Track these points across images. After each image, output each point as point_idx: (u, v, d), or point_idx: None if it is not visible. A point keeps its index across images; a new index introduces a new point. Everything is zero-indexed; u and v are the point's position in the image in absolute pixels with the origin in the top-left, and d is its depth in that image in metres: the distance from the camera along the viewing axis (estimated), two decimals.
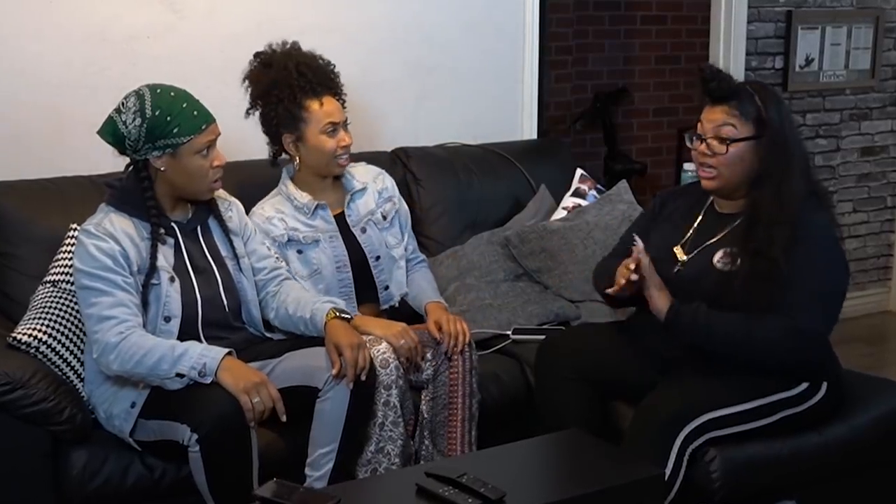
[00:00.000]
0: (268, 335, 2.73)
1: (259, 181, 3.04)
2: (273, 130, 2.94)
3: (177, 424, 2.33)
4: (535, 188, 3.61)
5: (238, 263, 2.67)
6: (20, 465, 2.41)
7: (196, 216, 2.64)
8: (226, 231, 2.67)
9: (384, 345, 2.61)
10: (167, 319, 2.52)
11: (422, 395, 2.75)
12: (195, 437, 2.29)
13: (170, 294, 2.52)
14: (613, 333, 2.76)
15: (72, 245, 2.70)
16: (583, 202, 3.53)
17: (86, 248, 2.45)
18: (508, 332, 3.11)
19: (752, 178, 2.49)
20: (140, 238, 2.51)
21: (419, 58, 3.68)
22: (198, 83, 2.63)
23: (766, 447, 2.49)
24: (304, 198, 2.93)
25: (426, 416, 2.73)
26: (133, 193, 2.53)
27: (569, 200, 3.55)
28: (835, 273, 2.48)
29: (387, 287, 3.01)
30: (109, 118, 2.50)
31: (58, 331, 2.59)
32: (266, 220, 2.89)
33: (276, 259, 2.80)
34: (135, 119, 2.45)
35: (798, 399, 2.49)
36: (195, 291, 2.56)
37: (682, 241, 2.61)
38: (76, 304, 2.57)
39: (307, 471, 2.49)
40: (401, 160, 3.53)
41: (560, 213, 3.51)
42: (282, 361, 2.58)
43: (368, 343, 2.56)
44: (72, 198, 2.91)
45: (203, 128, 2.49)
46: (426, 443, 2.72)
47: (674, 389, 2.47)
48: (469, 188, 3.56)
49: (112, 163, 2.61)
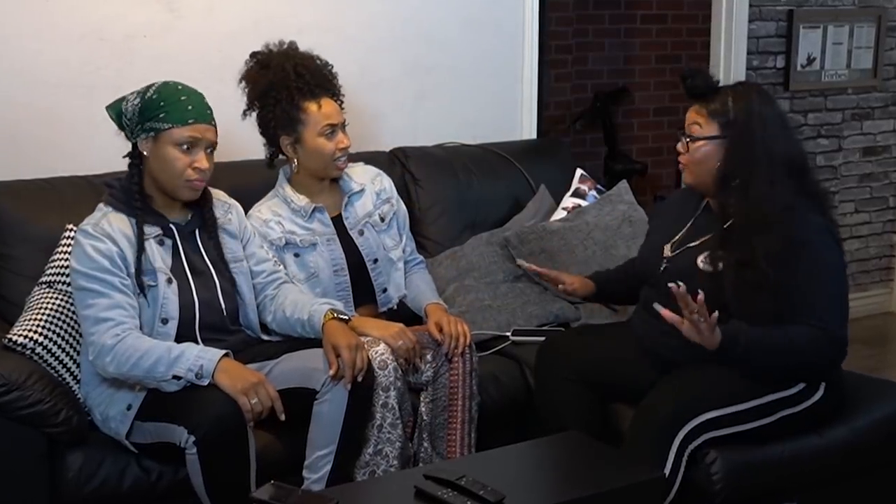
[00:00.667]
0: (265, 338, 2.72)
1: (255, 182, 3.02)
2: (270, 132, 2.92)
3: (174, 426, 2.32)
4: (535, 188, 3.60)
5: (236, 267, 2.66)
6: (16, 468, 2.40)
7: (195, 218, 2.63)
8: (225, 234, 2.66)
9: (382, 346, 2.59)
10: (164, 321, 2.51)
11: (420, 397, 2.73)
12: (192, 440, 2.27)
13: (167, 296, 2.51)
14: (613, 335, 2.76)
15: (68, 246, 2.69)
16: (583, 202, 3.52)
17: (83, 249, 2.45)
18: (508, 334, 3.09)
19: (719, 179, 2.48)
20: (137, 238, 2.50)
21: (418, 57, 3.67)
22: (195, 82, 2.61)
23: (767, 449, 2.48)
24: (302, 201, 2.91)
25: (425, 418, 2.72)
26: (131, 192, 2.52)
27: (569, 201, 3.54)
28: (839, 274, 2.47)
29: (385, 289, 2.99)
30: (120, 98, 2.55)
31: (54, 332, 2.58)
32: (263, 223, 2.87)
33: (275, 262, 2.79)
34: (136, 98, 2.51)
35: (796, 399, 2.48)
36: (193, 294, 2.55)
37: (673, 240, 2.61)
38: (72, 305, 2.56)
39: (305, 473, 2.48)
40: (399, 160, 3.52)
41: (560, 214, 3.50)
42: (279, 363, 2.57)
43: (366, 344, 2.55)
44: (68, 198, 2.90)
45: (189, 122, 2.48)
46: (425, 445, 2.70)
47: (672, 389, 2.46)
48: (468, 188, 3.54)
49: (109, 163, 2.60)
